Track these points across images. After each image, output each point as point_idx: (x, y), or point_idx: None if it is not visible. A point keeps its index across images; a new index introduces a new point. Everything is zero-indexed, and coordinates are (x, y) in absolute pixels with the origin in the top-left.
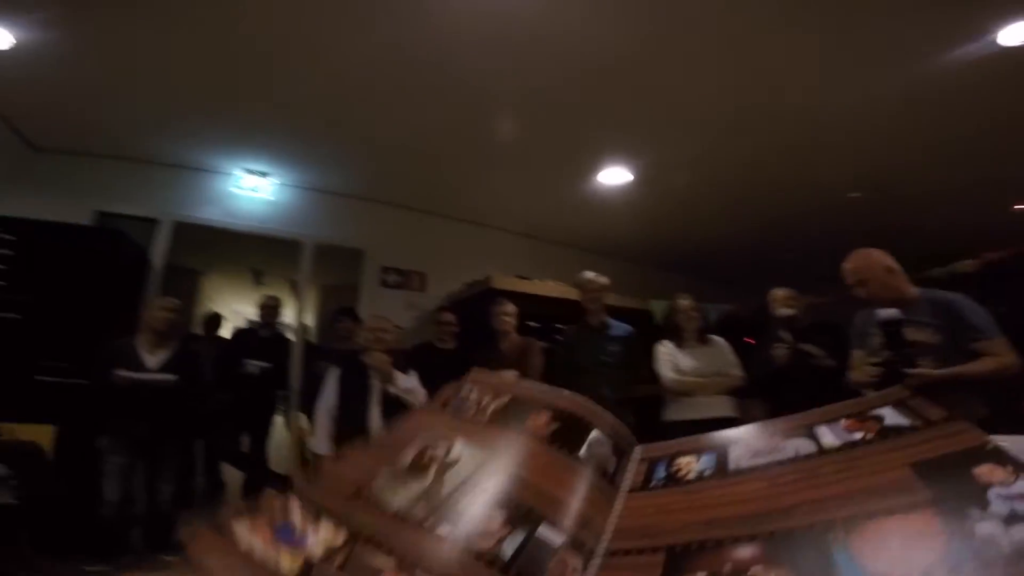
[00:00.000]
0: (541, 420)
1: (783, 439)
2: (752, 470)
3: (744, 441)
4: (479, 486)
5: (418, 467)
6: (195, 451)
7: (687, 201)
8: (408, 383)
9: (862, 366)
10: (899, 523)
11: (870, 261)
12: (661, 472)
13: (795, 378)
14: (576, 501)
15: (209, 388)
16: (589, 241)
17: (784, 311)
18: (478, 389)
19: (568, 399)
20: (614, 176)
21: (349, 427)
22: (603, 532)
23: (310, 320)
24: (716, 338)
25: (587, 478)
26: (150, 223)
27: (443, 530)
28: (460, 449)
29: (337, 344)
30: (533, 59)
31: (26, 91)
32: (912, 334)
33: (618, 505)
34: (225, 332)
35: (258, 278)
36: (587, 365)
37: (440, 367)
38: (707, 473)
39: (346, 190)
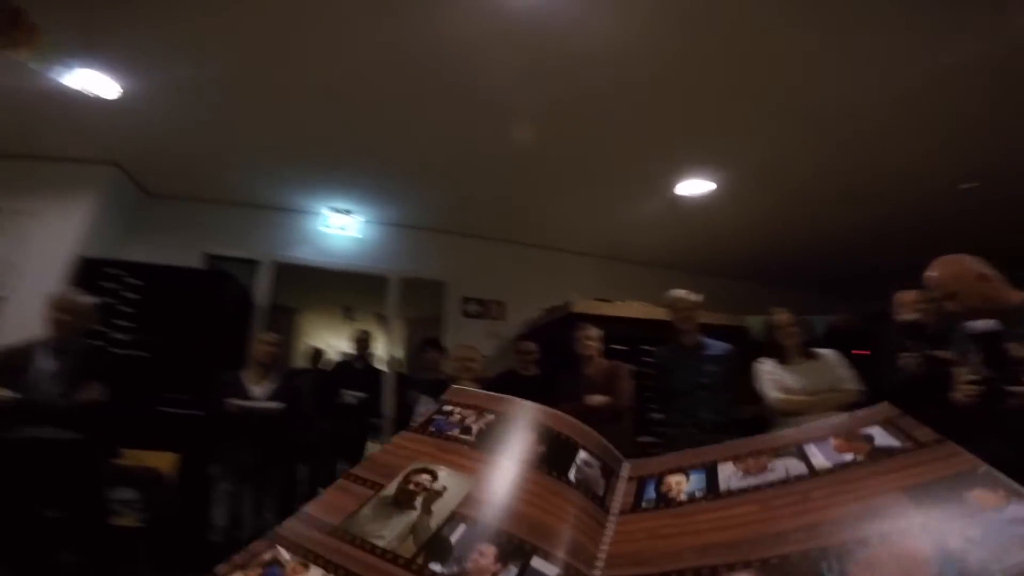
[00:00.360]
0: (528, 442)
1: (773, 458)
2: (743, 492)
3: (734, 459)
4: (468, 518)
5: (404, 498)
6: (297, 478)
7: (775, 208)
8: None
9: (960, 384)
10: (892, 550)
11: (959, 269)
12: (651, 492)
13: (931, 388)
14: (568, 529)
15: (310, 417)
16: (671, 257)
17: (909, 316)
18: (459, 408)
19: (555, 418)
20: (694, 187)
21: None
22: (595, 559)
23: (399, 351)
24: (824, 351)
25: (577, 503)
26: (251, 264)
27: (435, 568)
28: (445, 477)
29: (425, 374)
30: (599, 76)
31: (138, 141)
32: (1017, 349)
33: (609, 529)
34: (322, 366)
35: (348, 313)
36: (683, 388)
37: (524, 394)
38: (698, 494)
39: (426, 223)
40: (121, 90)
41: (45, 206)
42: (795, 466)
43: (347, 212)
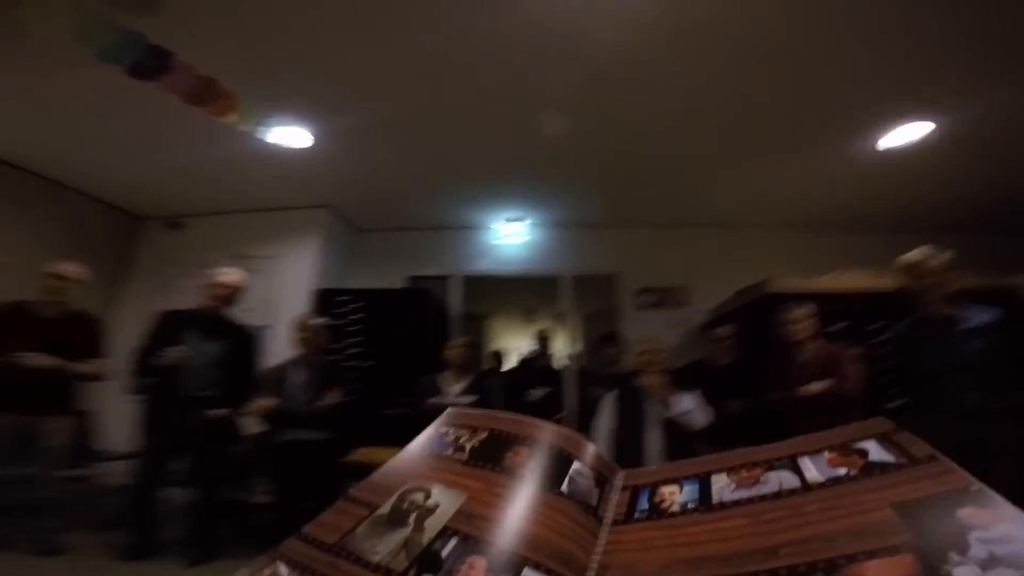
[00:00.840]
0: (520, 456)
1: (766, 470)
2: (736, 504)
3: (728, 470)
4: (459, 532)
5: (398, 516)
6: None
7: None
8: (684, 405)
9: None
10: (880, 567)
11: None
12: (644, 503)
13: None
14: (559, 539)
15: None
16: (886, 217)
17: None
18: (454, 428)
19: (548, 430)
20: (905, 134)
21: (627, 451)
22: (586, 569)
23: (577, 348)
24: None
25: (569, 513)
26: (444, 279)
27: None
28: (438, 494)
29: (607, 369)
30: (775, 20)
31: (338, 184)
32: None
33: (601, 539)
34: (507, 366)
35: (529, 315)
36: (937, 369)
37: (718, 385)
38: (690, 506)
39: (593, 220)
40: (312, 139)
41: (286, 249)
42: (788, 479)
43: (518, 220)
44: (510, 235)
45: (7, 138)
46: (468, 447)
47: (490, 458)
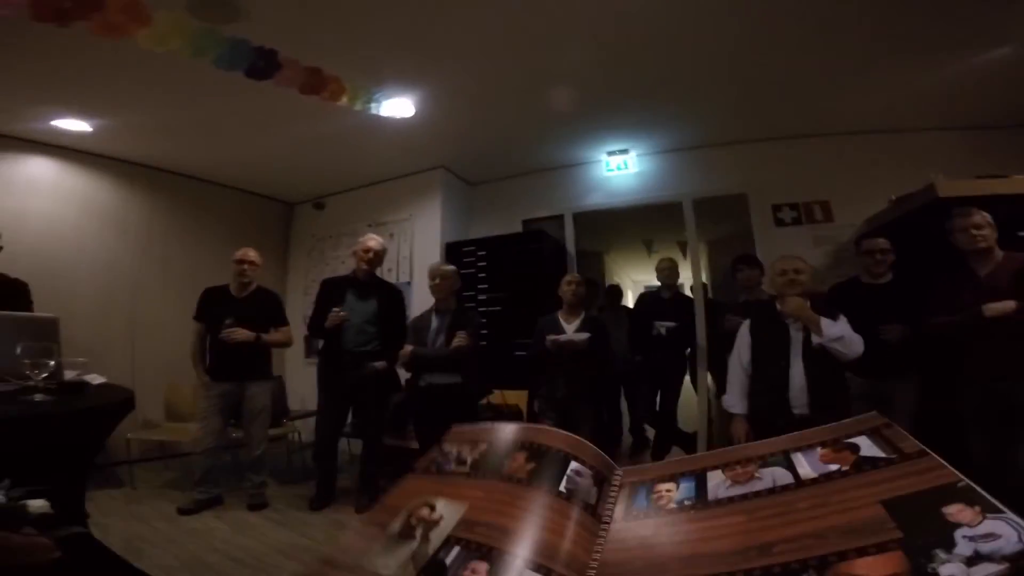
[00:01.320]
0: (518, 461)
1: (760, 466)
2: (731, 501)
3: (724, 466)
4: (462, 540)
5: (406, 531)
6: (614, 413)
7: None
8: (836, 330)
9: None
10: (870, 564)
11: None
12: (642, 500)
13: None
14: (558, 539)
15: (612, 351)
16: None
17: None
18: (456, 445)
19: (543, 433)
20: None
21: (767, 384)
22: (587, 568)
23: (706, 276)
24: None
25: (568, 513)
26: (558, 219)
27: None
28: (442, 507)
29: (743, 295)
30: None
31: (447, 143)
32: None
33: (600, 538)
34: (628, 302)
35: (649, 247)
36: None
37: (876, 306)
38: (687, 503)
39: (707, 140)
40: (414, 108)
41: (413, 211)
42: (781, 475)
43: (623, 152)
44: (617, 167)
45: (182, 155)
46: (469, 460)
47: (490, 467)
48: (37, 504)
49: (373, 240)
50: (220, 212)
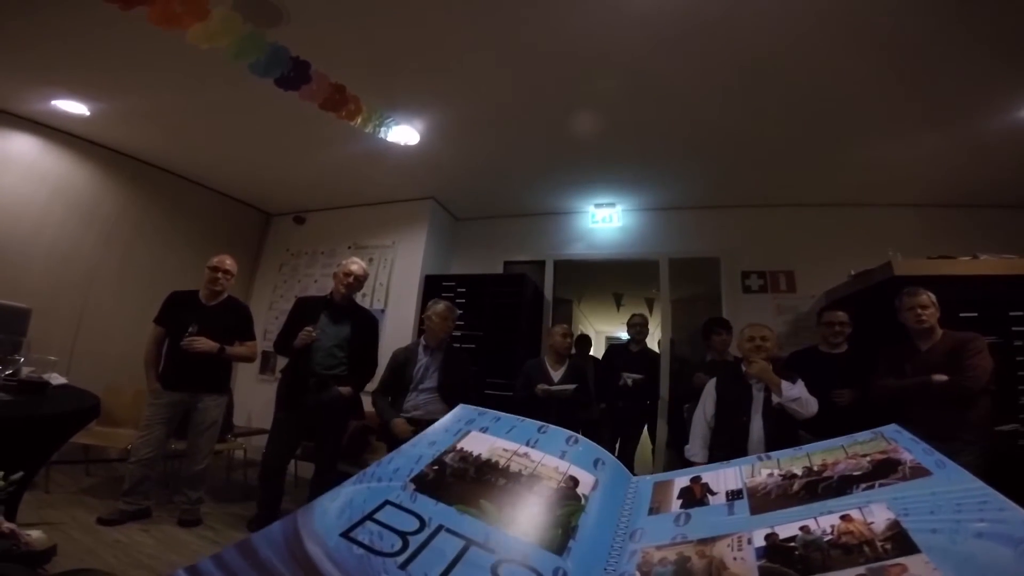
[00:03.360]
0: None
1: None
2: None
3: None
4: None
5: None
6: None
7: None
8: (795, 391)
9: None
10: None
11: None
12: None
13: None
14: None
15: (593, 397)
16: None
17: None
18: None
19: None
20: None
21: (728, 437)
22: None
23: (673, 333)
24: None
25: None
26: (539, 264)
27: None
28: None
29: (710, 355)
30: None
31: (440, 176)
32: None
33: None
34: (593, 352)
35: (619, 300)
36: None
37: (831, 373)
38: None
39: (692, 202)
40: (419, 136)
41: (399, 238)
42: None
43: (611, 205)
44: (603, 220)
45: (161, 147)
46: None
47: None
48: None
49: (356, 265)
50: (194, 212)
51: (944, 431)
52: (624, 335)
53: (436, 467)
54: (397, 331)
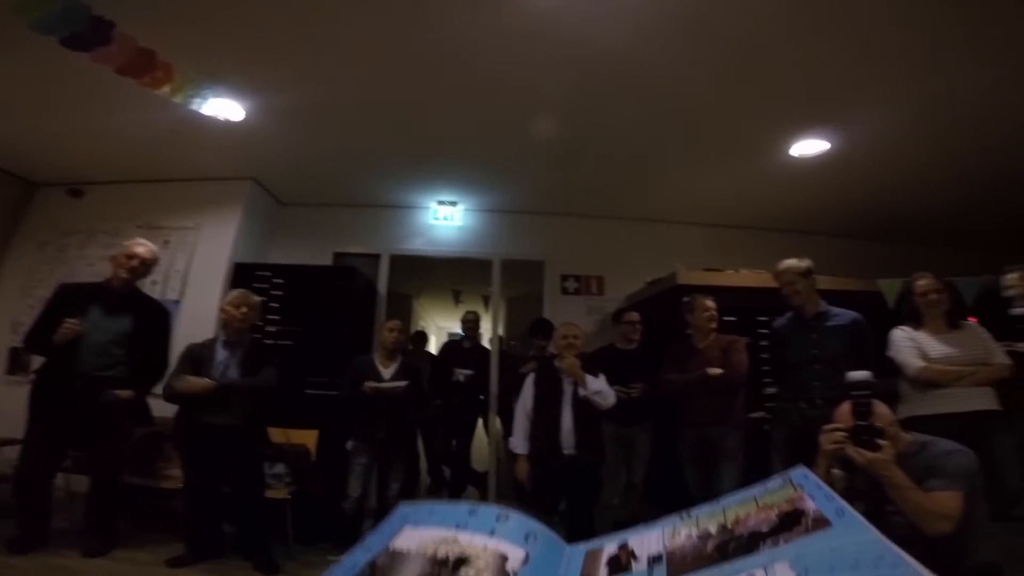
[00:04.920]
0: None
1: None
2: None
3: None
4: None
5: None
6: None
7: (913, 158)
8: (597, 384)
9: None
10: None
11: None
12: None
13: None
14: None
15: (427, 394)
16: (788, 220)
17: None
18: None
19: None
20: (810, 147)
21: (543, 428)
22: None
23: (504, 330)
24: (970, 323)
25: None
26: (373, 258)
27: None
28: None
29: (532, 351)
30: (705, 41)
31: (267, 157)
32: None
33: None
34: (431, 348)
35: (457, 297)
36: (797, 361)
37: (624, 368)
38: None
39: (526, 207)
40: (244, 113)
41: (204, 221)
42: None
43: (452, 203)
44: (444, 217)
45: None
46: None
47: None
48: None
49: (142, 246)
50: None
51: (717, 418)
52: None
53: (369, 572)
54: (196, 326)
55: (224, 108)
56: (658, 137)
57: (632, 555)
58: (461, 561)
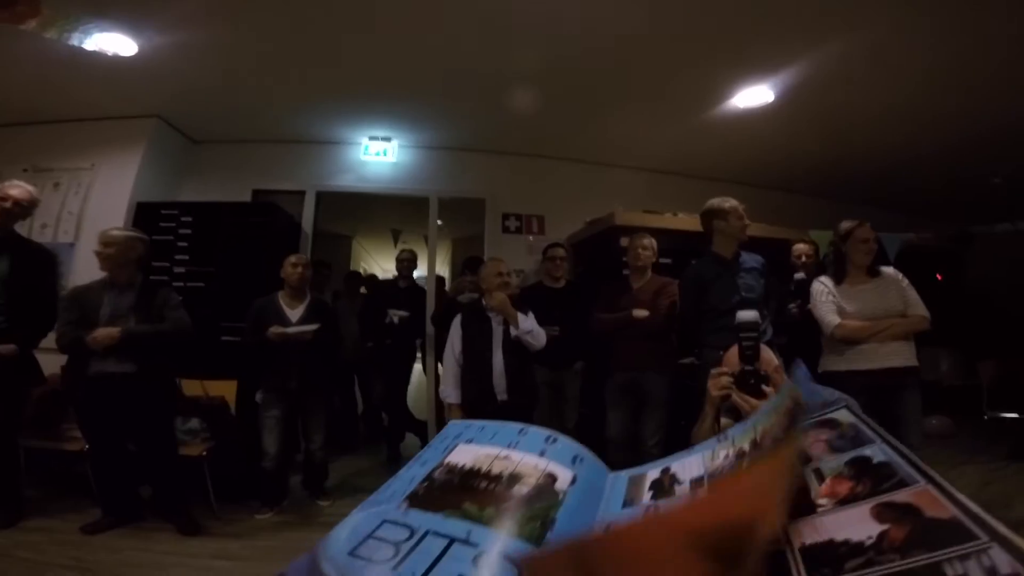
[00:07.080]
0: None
1: None
2: None
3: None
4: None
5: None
6: (347, 400)
7: (844, 117)
8: (528, 324)
9: None
10: None
11: None
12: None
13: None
14: None
15: (343, 336)
16: (730, 171)
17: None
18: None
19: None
20: (752, 97)
21: (475, 373)
22: None
23: (444, 270)
24: (888, 270)
25: None
26: (299, 195)
27: None
28: None
29: (464, 290)
30: None
31: (174, 93)
32: None
33: None
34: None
35: (397, 237)
36: (724, 306)
37: (552, 306)
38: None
39: (466, 144)
40: (137, 48)
41: (100, 161)
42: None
43: (386, 139)
44: (376, 153)
45: None
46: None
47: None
48: None
49: (16, 188)
50: None
51: (642, 363)
52: None
53: (426, 483)
54: (94, 269)
55: (114, 43)
56: (599, 81)
57: (675, 479)
58: (514, 478)
